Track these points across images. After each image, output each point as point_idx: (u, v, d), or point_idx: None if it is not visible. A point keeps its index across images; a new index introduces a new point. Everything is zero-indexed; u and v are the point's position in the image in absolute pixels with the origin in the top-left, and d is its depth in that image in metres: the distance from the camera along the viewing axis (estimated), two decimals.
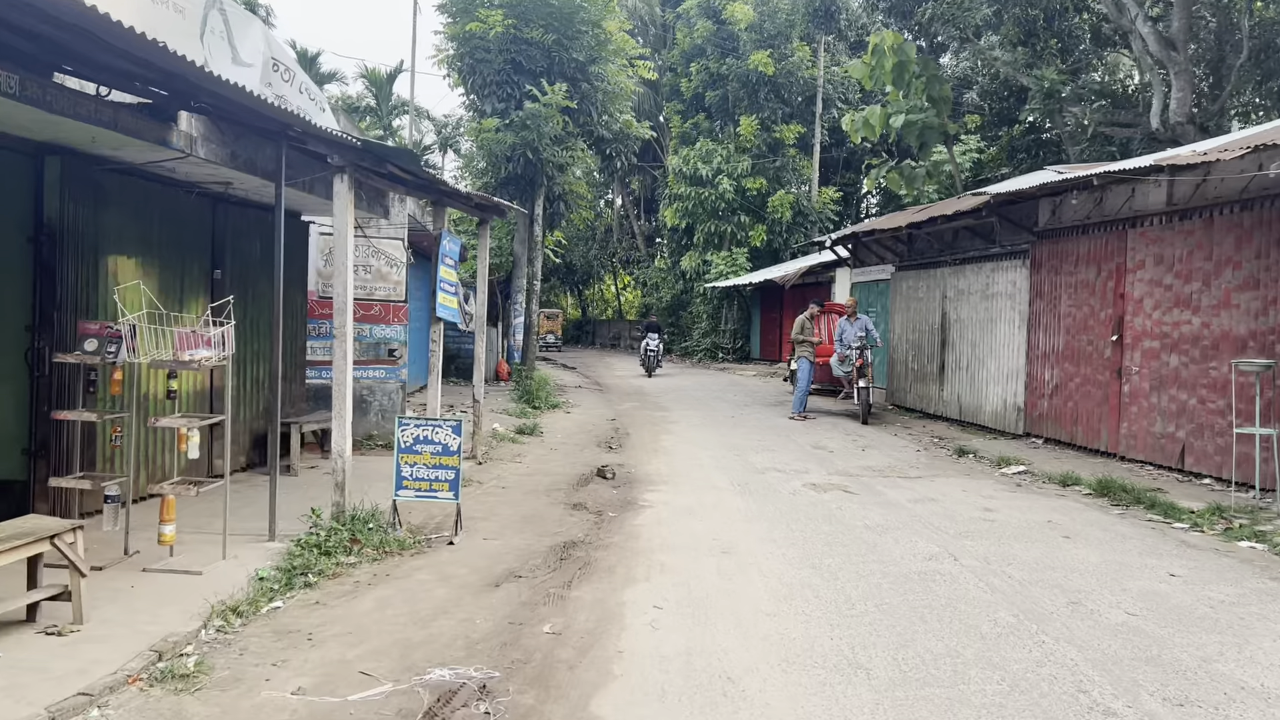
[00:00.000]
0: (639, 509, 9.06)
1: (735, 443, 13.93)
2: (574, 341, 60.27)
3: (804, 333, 17.57)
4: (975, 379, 15.77)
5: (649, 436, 14.62)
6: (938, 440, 14.63)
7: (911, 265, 18.61)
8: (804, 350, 17.51)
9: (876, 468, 11.90)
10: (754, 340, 37.28)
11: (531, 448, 13.05)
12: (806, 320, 17.73)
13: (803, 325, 17.63)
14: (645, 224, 50.30)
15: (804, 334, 17.57)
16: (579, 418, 17.06)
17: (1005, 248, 14.98)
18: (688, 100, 39.07)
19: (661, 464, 11.89)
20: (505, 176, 18.49)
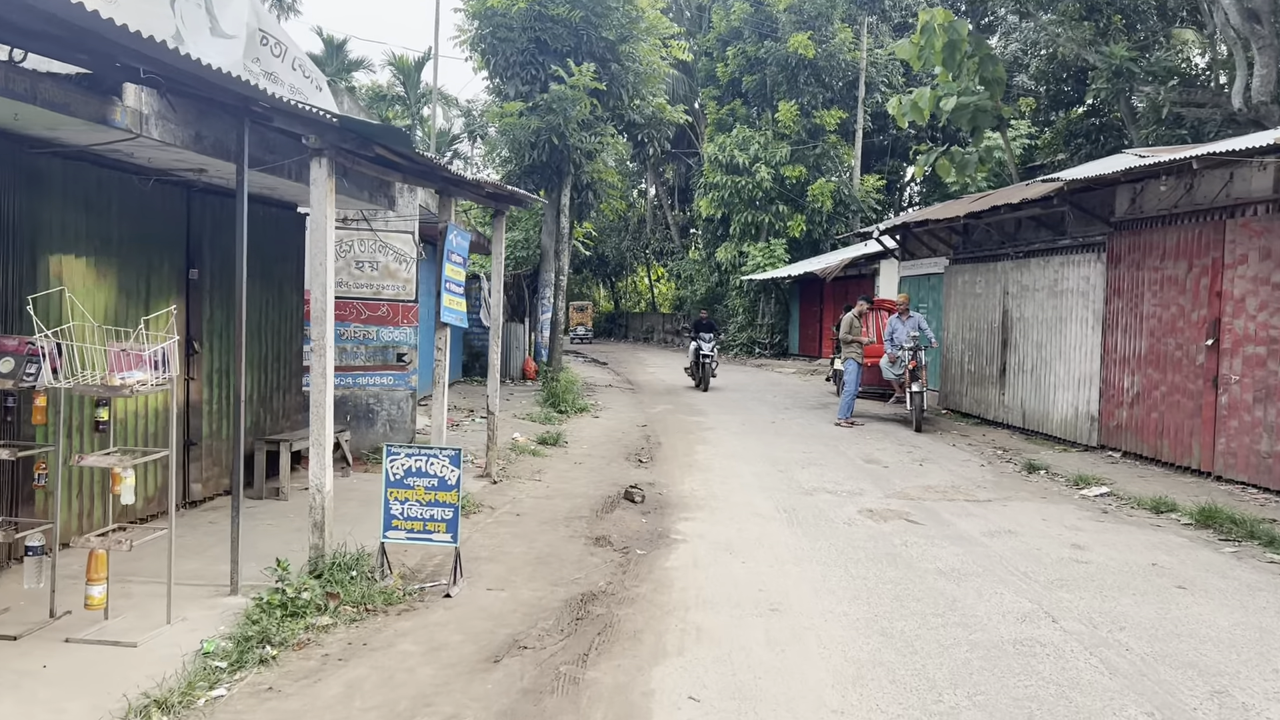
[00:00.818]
0: (671, 544, 7.85)
1: (778, 455, 12.68)
2: (606, 334, 59.23)
3: (852, 331, 16.28)
4: (1041, 384, 14.38)
5: (683, 447, 13.40)
6: (1001, 452, 13.28)
7: (968, 258, 17.21)
8: (851, 350, 16.20)
9: (938, 488, 10.60)
10: (792, 335, 35.91)
11: (553, 461, 11.88)
12: (855, 318, 16.42)
13: (850, 323, 16.32)
14: (679, 214, 48.98)
15: (852, 333, 16.29)
16: (607, 423, 15.89)
17: (1077, 240, 13.57)
18: (724, 86, 37.70)
19: (697, 482, 10.67)
20: (530, 165, 17.31)
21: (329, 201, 6.32)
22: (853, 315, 16.51)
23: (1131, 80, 19.86)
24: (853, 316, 16.48)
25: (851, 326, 16.34)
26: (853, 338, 16.24)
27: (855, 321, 16.46)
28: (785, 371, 28.90)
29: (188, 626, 5.34)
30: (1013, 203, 13.72)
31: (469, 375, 22.14)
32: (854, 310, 16.70)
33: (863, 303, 16.63)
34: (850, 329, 16.35)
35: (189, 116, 6.35)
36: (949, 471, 11.72)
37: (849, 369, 16.24)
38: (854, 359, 16.16)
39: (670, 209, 48.89)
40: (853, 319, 16.45)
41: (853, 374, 16.16)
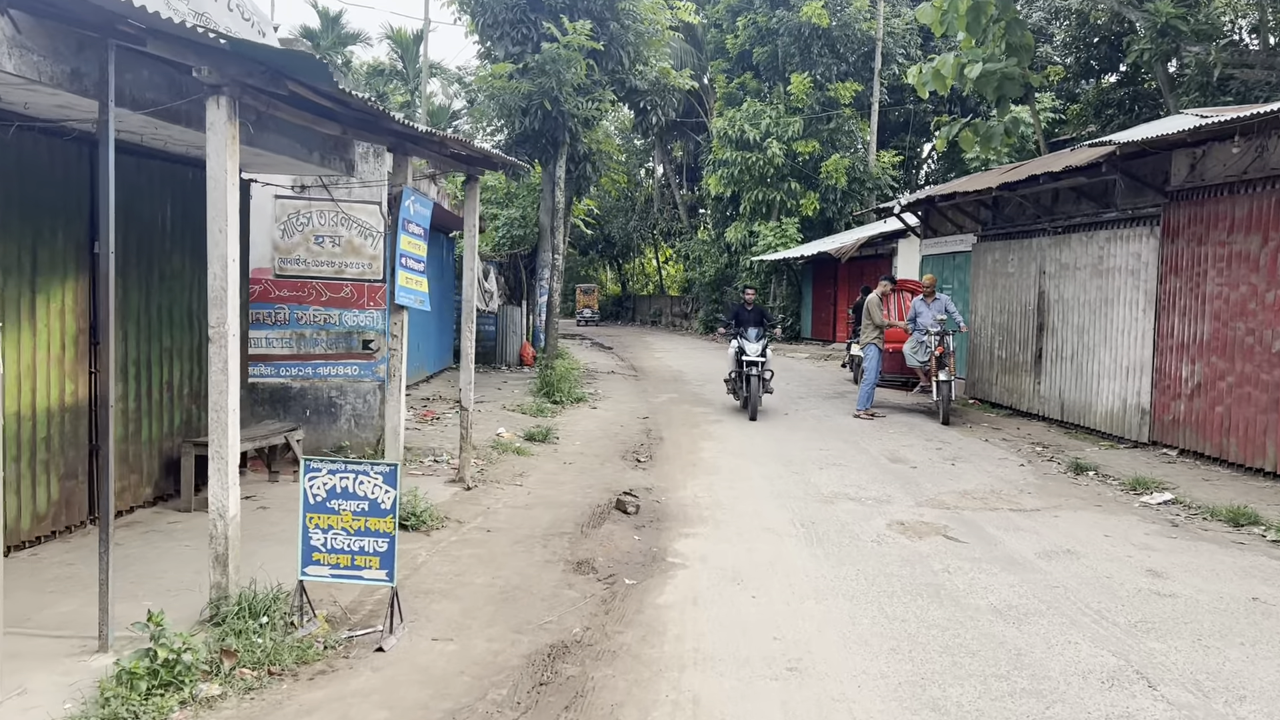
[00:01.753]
0: (666, 571, 6.56)
1: (792, 453, 11.36)
2: (613, 318, 57.95)
3: (872, 316, 14.93)
4: (1083, 372, 13.00)
5: (687, 442, 12.10)
6: (1040, 449, 11.94)
7: (999, 234, 15.80)
8: (872, 335, 14.83)
9: (977, 494, 9.27)
10: (805, 318, 34.52)
11: (540, 461, 10.59)
12: (877, 299, 15.07)
13: (872, 306, 14.99)
14: (688, 193, 47.50)
15: (872, 317, 14.92)
16: (605, 415, 14.59)
17: (1125, 212, 12.16)
18: (733, 58, 36.15)
19: (700, 487, 9.37)
20: (521, 133, 15.94)
21: (229, 152, 5.00)
22: (875, 296, 15.17)
23: (1178, 39, 18.33)
24: (875, 297, 15.13)
25: (872, 310, 14.97)
26: (874, 322, 14.85)
27: (878, 304, 15.09)
28: (798, 357, 27.54)
29: (21, 705, 4.06)
30: (1053, 171, 12.31)
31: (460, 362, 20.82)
32: (875, 292, 15.33)
33: (885, 283, 15.26)
34: (871, 313, 14.98)
35: (60, 47, 5.03)
36: (985, 473, 10.39)
37: (869, 355, 14.86)
38: (875, 345, 14.80)
39: (678, 188, 47.41)
40: (875, 300, 15.08)
41: (873, 361, 14.77)
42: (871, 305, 15.09)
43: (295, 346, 10.06)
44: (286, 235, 9.99)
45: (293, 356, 10.05)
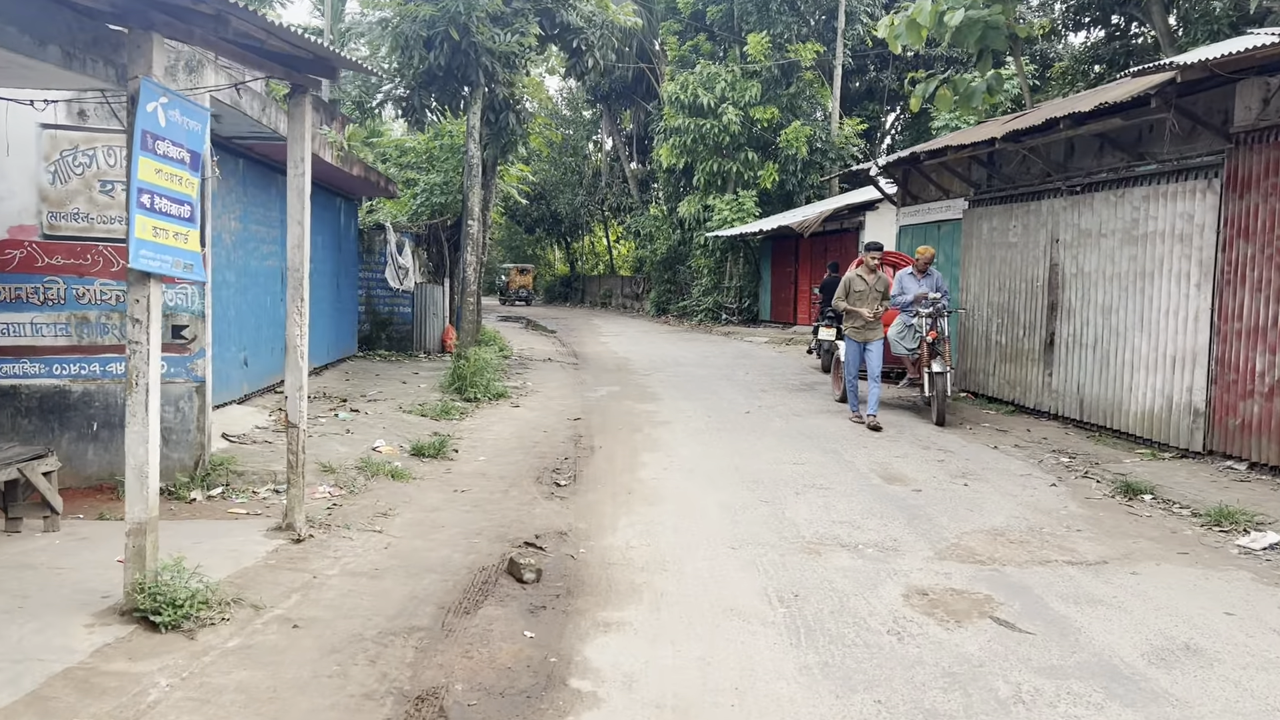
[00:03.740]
0: (565, 715, 3.94)
1: (759, 469, 8.79)
2: (562, 299, 55.30)
3: (853, 298, 11.66)
4: (1110, 362, 10.60)
5: (624, 454, 9.49)
6: (1066, 459, 9.52)
7: (997, 197, 13.35)
8: (852, 324, 11.69)
9: (1012, 533, 6.79)
10: (764, 299, 32.04)
11: (422, 489, 7.90)
12: (858, 277, 11.79)
13: (849, 285, 11.79)
14: (638, 167, 44.79)
15: (854, 300, 11.64)
16: (528, 416, 11.92)
17: (1170, 163, 9.74)
18: (686, 19, 33.48)
19: (636, 529, 6.76)
20: (425, 72, 13.09)
21: None
22: (855, 274, 11.80)
23: None
24: (856, 275, 11.79)
25: (851, 290, 11.71)
26: (854, 307, 11.58)
27: (864, 280, 11.65)
28: (757, 341, 25.06)
29: None
30: (1080, 112, 9.84)
31: (371, 348, 18.02)
32: (857, 266, 12.50)
33: (871, 254, 11.85)
34: (849, 293, 11.71)
35: None
36: (1011, 497, 7.92)
37: (848, 351, 11.97)
38: (855, 335, 11.71)
39: (628, 160, 44.66)
40: (855, 278, 11.75)
41: (853, 357, 11.88)
42: (845, 282, 11.82)
43: (75, 335, 7.31)
44: (59, 180, 7.22)
45: (71, 349, 7.30)
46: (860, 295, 11.65)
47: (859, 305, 11.59)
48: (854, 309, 11.59)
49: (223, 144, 9.94)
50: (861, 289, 11.64)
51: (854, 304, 11.63)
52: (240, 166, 10.58)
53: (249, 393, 11.06)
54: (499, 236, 60.78)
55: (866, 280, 11.66)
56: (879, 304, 11.58)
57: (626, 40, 36.37)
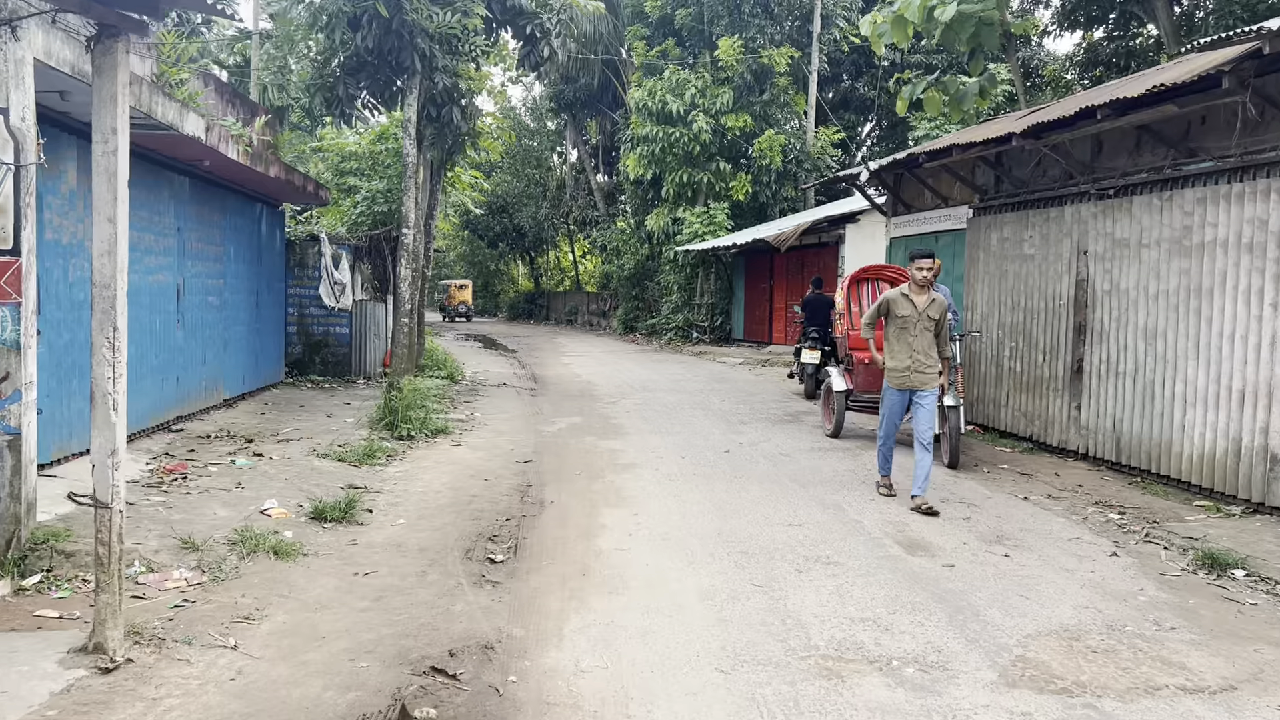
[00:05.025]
0: None
1: (748, 535, 7.04)
2: (526, 316, 53.52)
3: (890, 326, 8.31)
4: (1156, 395, 8.99)
5: (581, 515, 7.70)
6: (1114, 515, 7.87)
7: (1008, 204, 11.76)
8: (893, 364, 8.24)
9: (1089, 637, 5.09)
10: (737, 317, 30.41)
11: (310, 576, 6.04)
12: (903, 298, 8.24)
13: (890, 308, 8.27)
14: (605, 179, 43.12)
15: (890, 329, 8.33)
16: (469, 459, 10.09)
17: (1234, 158, 8.16)
18: (654, 23, 31.88)
19: (589, 641, 4.98)
20: (355, 58, 11.28)
21: None
22: (903, 295, 8.26)
23: None
24: (903, 296, 8.25)
25: (892, 315, 8.29)
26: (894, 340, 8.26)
27: (911, 303, 8.17)
28: (731, 362, 23.38)
29: None
30: (1128, 97, 8.24)
31: (304, 374, 16.09)
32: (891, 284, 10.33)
33: (922, 265, 8.12)
34: (892, 318, 8.28)
35: None
36: (1066, 573, 6.23)
37: (886, 402, 8.37)
38: (894, 385, 8.28)
39: (594, 172, 42.97)
40: (901, 300, 8.23)
41: (894, 411, 8.32)
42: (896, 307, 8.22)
43: None
44: None
45: None
46: (904, 324, 8.15)
47: (902, 339, 8.16)
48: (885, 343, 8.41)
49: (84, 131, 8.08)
50: (906, 314, 8.13)
51: (895, 336, 8.21)
52: None
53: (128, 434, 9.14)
54: (461, 251, 58.93)
55: (914, 302, 8.14)
56: (931, 337, 8.12)
57: (591, 45, 34.83)
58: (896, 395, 8.31)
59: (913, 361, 8.15)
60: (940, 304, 8.22)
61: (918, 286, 8.21)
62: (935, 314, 8.17)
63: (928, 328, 8.15)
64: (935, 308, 8.19)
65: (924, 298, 8.20)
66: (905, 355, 8.18)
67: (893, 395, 8.34)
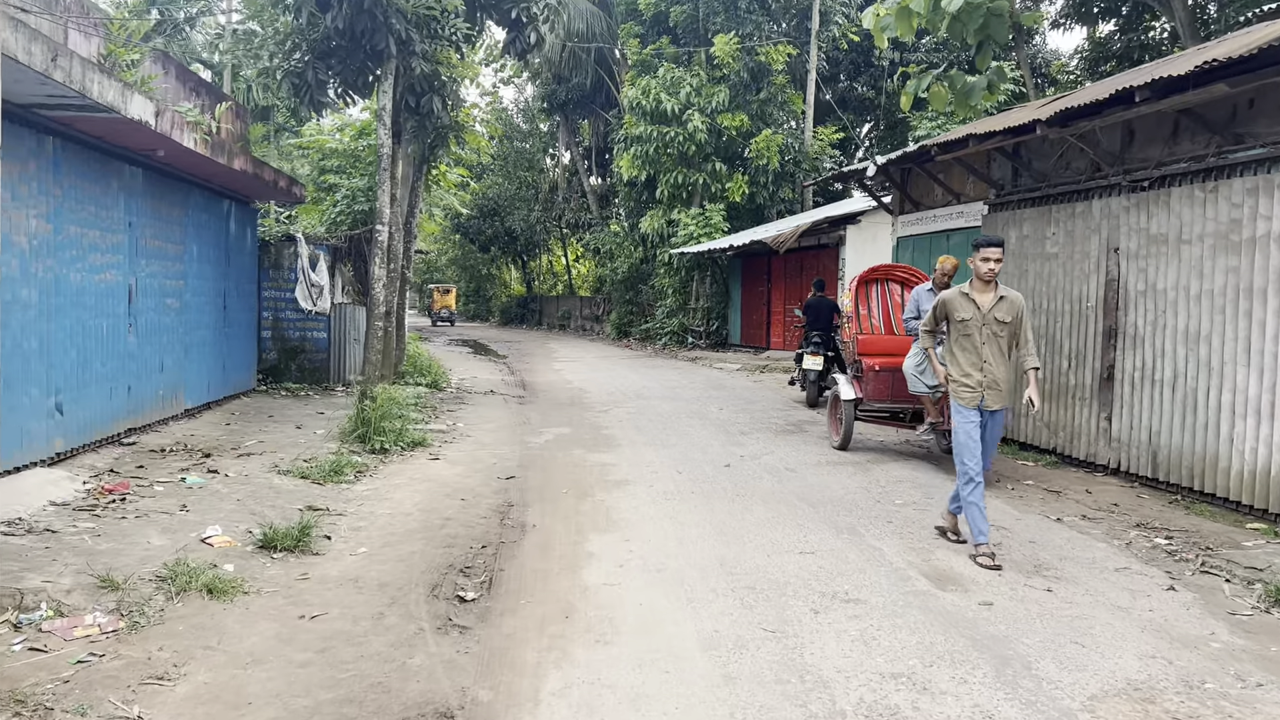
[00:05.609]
0: None
1: (755, 566, 6.21)
2: (518, 321, 52.71)
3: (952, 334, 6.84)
4: (1199, 405, 8.19)
5: (566, 541, 6.87)
6: (1161, 540, 7.06)
7: (1027, 199, 10.97)
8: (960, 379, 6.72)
9: (1164, 696, 4.30)
10: (734, 322, 29.61)
11: (246, 621, 5.18)
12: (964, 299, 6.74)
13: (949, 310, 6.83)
14: (598, 181, 42.34)
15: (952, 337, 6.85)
16: (447, 475, 9.24)
17: None
18: (648, 21, 31.13)
19: (570, 708, 4.15)
20: (324, 41, 10.45)
21: None
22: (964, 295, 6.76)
23: None
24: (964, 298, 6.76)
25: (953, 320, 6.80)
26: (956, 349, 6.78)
27: (973, 303, 6.69)
28: (728, 368, 22.56)
29: None
30: (1172, 76, 7.45)
31: (278, 381, 15.23)
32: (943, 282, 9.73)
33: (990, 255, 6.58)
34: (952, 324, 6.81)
35: None
36: (1121, 612, 5.43)
37: (958, 424, 6.67)
38: (964, 402, 6.68)
39: (587, 174, 42.18)
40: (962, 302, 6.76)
41: (967, 433, 6.61)
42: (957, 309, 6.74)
43: None
44: None
45: None
46: (966, 330, 6.66)
47: (967, 347, 6.67)
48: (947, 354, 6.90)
49: (17, 115, 7.25)
50: (967, 317, 6.64)
51: (958, 345, 6.71)
52: (50, 148, 7.87)
53: (67, 449, 8.30)
54: (453, 255, 58.10)
55: (977, 302, 6.63)
56: (1002, 345, 6.67)
57: (584, 44, 34.07)
58: (966, 414, 6.63)
59: (984, 375, 6.61)
60: (1014, 304, 6.66)
61: (981, 282, 6.66)
62: (1006, 315, 6.63)
63: (997, 334, 6.63)
64: (1006, 308, 6.64)
65: (989, 296, 6.66)
66: (974, 367, 6.63)
67: (963, 415, 6.63)
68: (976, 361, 6.65)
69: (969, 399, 6.66)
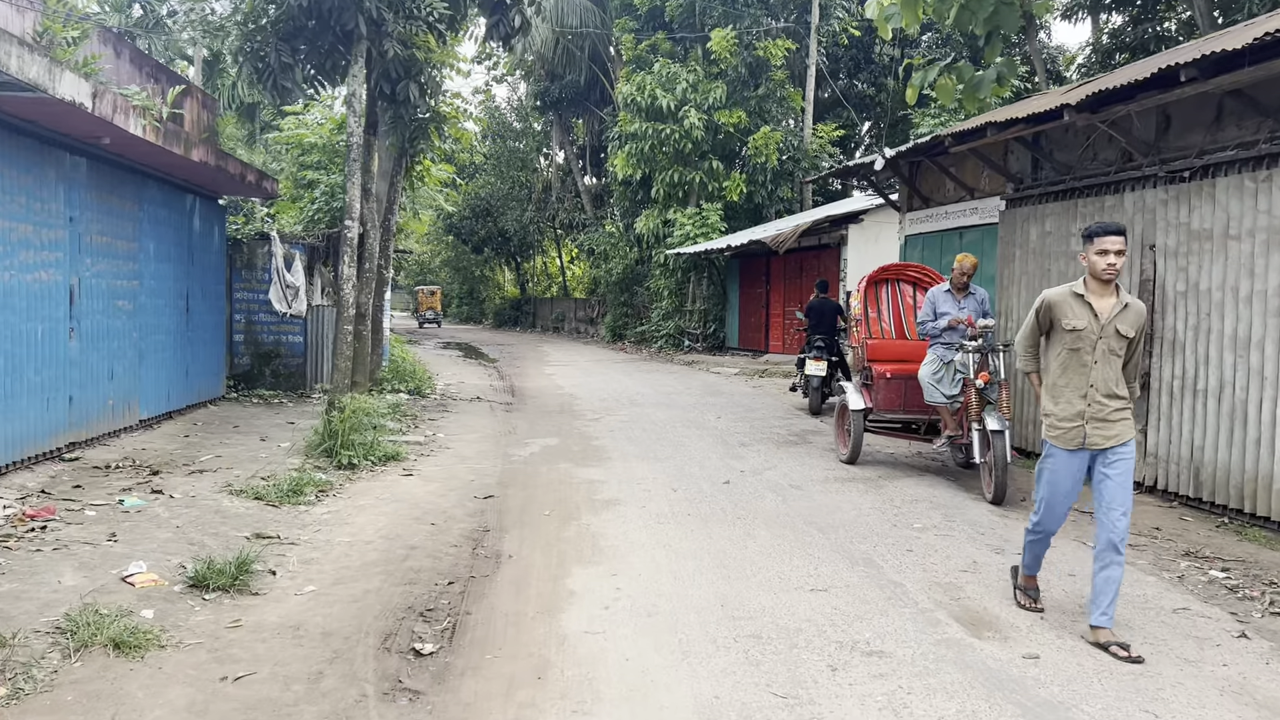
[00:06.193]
0: None
1: (761, 608, 5.40)
2: (512, 323, 51.90)
3: (1055, 345, 5.22)
4: (1249, 418, 7.38)
5: (545, 576, 6.04)
6: (1217, 573, 6.28)
7: (1050, 192, 10.18)
8: (1058, 410, 5.15)
9: None
10: (731, 324, 28.80)
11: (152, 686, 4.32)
12: (1074, 300, 5.09)
13: (1053, 315, 5.17)
14: (593, 181, 41.53)
15: (1054, 349, 5.25)
16: (419, 494, 8.41)
17: None
18: (643, 15, 30.30)
19: None
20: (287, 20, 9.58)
21: None
22: (1074, 296, 5.12)
23: None
24: (1074, 299, 5.10)
25: (1058, 328, 5.16)
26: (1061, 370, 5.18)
27: (1087, 307, 5.04)
28: (725, 372, 21.75)
29: None
30: (1225, 51, 6.66)
31: (250, 387, 14.40)
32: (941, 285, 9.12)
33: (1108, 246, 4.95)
34: (1057, 332, 5.18)
35: None
36: (1190, 667, 4.64)
37: (1052, 468, 5.20)
38: (1063, 443, 5.14)
39: (581, 174, 41.37)
40: (1071, 304, 5.11)
41: (1064, 481, 5.16)
42: (1062, 315, 5.12)
43: None
44: None
45: None
46: (1076, 344, 5.08)
47: (1074, 367, 5.09)
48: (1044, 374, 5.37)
49: None
50: (1081, 326, 5.05)
51: (1062, 363, 5.14)
52: None
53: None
54: (446, 257, 57.31)
55: (1094, 309, 5.04)
56: (1120, 364, 5.09)
57: (578, 40, 33.29)
58: (1065, 459, 5.12)
59: (1089, 405, 5.03)
60: (1139, 315, 5.08)
61: (1099, 283, 5.04)
62: (1129, 329, 5.03)
63: (1114, 350, 5.02)
64: (1130, 320, 5.04)
65: (1108, 301, 5.04)
66: (1077, 394, 5.07)
67: (1060, 460, 5.14)
68: (1082, 385, 5.05)
69: (1068, 439, 5.08)
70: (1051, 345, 5.25)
